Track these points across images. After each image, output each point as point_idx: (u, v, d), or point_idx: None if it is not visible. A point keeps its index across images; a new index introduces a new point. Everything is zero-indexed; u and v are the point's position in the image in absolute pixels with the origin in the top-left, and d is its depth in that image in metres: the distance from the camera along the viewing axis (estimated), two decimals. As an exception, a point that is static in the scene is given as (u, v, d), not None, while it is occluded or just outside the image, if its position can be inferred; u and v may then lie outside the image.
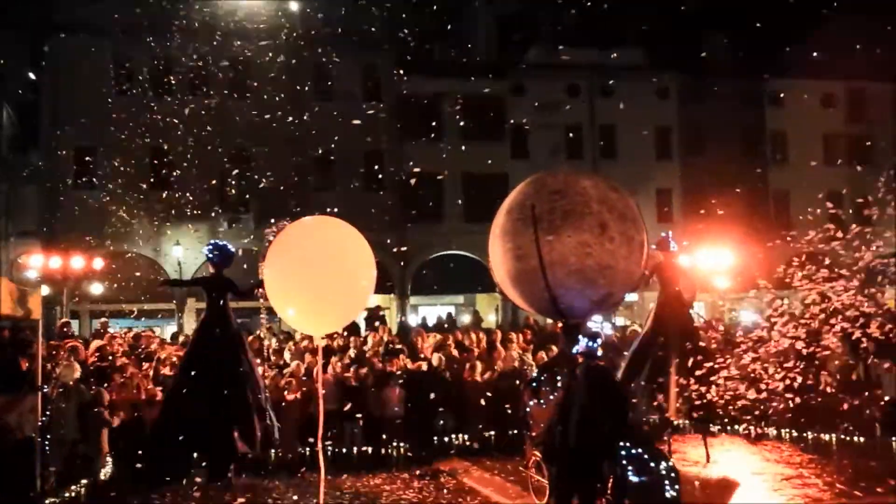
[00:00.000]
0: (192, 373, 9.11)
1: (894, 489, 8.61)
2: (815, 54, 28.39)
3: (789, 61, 29.14)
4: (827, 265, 10.62)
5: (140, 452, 9.27)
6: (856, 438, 10.68)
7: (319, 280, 7.23)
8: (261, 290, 9.41)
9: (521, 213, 8.34)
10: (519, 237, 8.27)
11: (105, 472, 9.69)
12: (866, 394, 10.63)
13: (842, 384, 11.24)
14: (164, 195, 24.70)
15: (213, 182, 25.37)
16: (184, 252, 24.23)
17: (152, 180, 24.89)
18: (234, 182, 26.26)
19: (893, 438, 10.54)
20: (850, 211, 32.16)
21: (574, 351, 7.60)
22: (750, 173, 30.09)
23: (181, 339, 13.66)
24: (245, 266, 12.63)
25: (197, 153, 24.49)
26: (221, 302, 9.44)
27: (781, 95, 31.51)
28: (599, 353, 7.50)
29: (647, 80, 29.64)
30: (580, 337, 7.55)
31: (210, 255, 9.67)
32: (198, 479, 9.38)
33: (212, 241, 9.97)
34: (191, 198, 24.29)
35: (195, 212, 24.20)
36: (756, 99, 31.08)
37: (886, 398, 10.71)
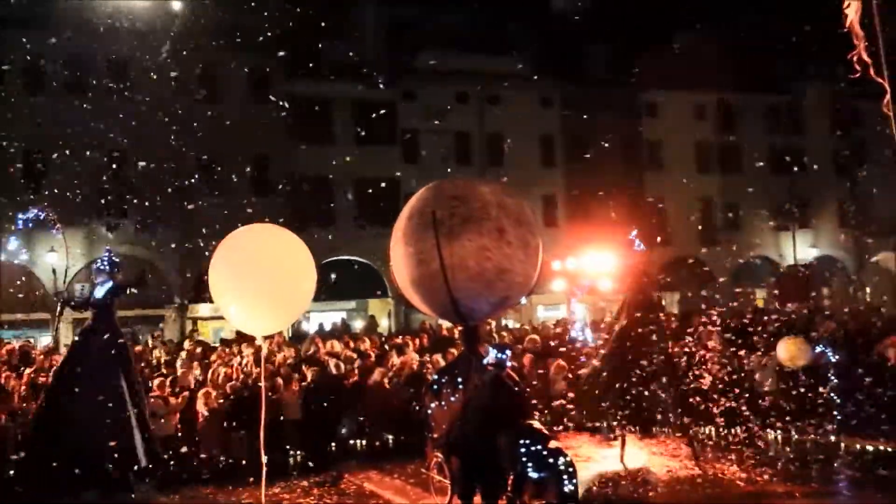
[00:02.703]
0: (67, 384, 8.85)
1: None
2: (687, 67, 30.09)
3: (664, 74, 30.68)
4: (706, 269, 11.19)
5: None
6: (735, 430, 11.29)
7: (263, 282, 7.38)
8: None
9: (421, 219, 8.50)
10: (420, 242, 8.43)
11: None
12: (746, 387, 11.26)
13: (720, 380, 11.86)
14: (39, 199, 23.43)
15: (91, 186, 24.28)
16: (58, 258, 23.09)
17: (25, 184, 23.60)
18: (113, 186, 25.17)
19: (770, 430, 11.20)
20: (720, 216, 34.23)
21: (484, 362, 7.90)
22: (628, 180, 31.38)
23: (63, 350, 13.06)
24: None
25: (73, 156, 23.39)
26: (110, 311, 9.18)
27: (657, 106, 33.10)
28: (508, 363, 7.80)
29: (532, 89, 30.48)
30: (490, 349, 7.85)
31: (107, 266, 9.43)
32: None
33: (106, 252, 9.72)
34: (67, 202, 23.17)
35: (72, 217, 23.09)
36: (634, 109, 32.47)
37: (762, 390, 11.40)
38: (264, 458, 8.05)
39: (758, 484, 9.10)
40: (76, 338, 9.58)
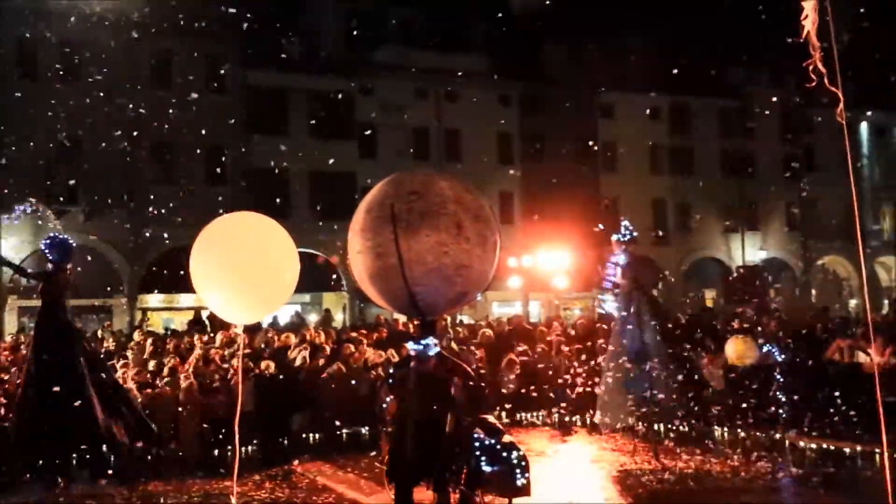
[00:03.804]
0: (41, 376, 8.71)
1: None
2: (642, 70, 30.51)
3: (620, 75, 31.07)
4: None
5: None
6: (691, 431, 11.49)
7: (244, 271, 7.31)
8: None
9: (380, 212, 8.45)
10: (378, 235, 8.38)
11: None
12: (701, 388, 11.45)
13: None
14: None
15: (39, 172, 23.67)
16: (5, 245, 22.52)
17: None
18: (61, 172, 24.56)
19: (724, 428, 11.42)
20: (672, 217, 34.79)
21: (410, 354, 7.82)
22: (584, 180, 31.74)
23: (7, 338, 12.76)
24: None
25: (22, 140, 22.79)
26: (61, 300, 9.01)
27: (613, 107, 33.49)
28: (431, 353, 7.69)
29: (490, 87, 30.60)
30: (409, 343, 7.74)
31: (47, 251, 9.19)
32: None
33: (50, 235, 9.44)
34: (14, 188, 22.57)
35: (20, 202, 22.49)
36: (590, 109, 32.80)
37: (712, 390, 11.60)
38: (237, 449, 7.98)
39: (706, 480, 9.30)
40: (37, 328, 9.39)
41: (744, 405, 10.85)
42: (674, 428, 11.53)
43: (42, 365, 8.76)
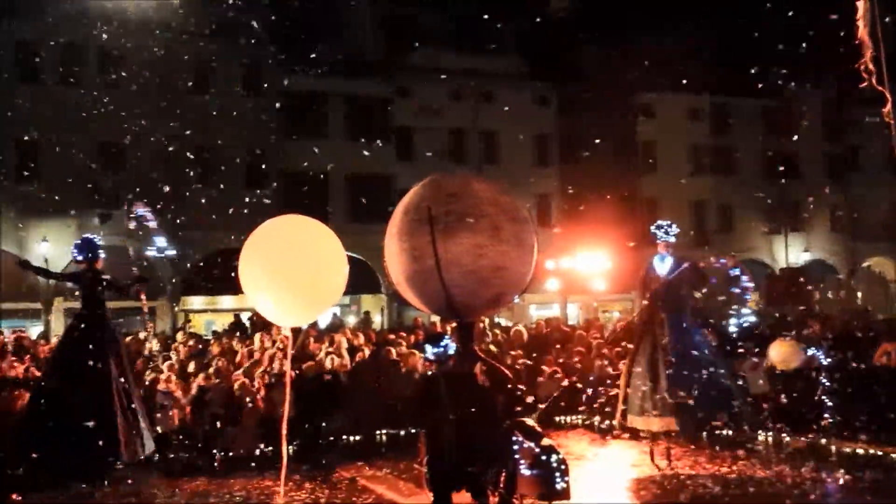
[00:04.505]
0: (59, 372, 8.83)
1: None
2: (682, 69, 30.13)
3: (659, 75, 30.72)
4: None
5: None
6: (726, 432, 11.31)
7: (295, 273, 7.37)
8: (139, 288, 9.25)
9: (417, 215, 8.48)
10: (415, 238, 8.40)
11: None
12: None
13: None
14: (32, 189, 23.38)
15: (84, 177, 24.18)
16: (51, 248, 23.02)
17: (18, 173, 23.50)
18: (106, 176, 25.06)
19: (759, 432, 11.24)
20: (713, 219, 34.35)
21: (426, 358, 7.76)
22: (623, 181, 31.47)
23: (53, 340, 13.04)
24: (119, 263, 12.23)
25: (66, 146, 23.31)
26: (96, 299, 9.15)
27: (652, 107, 33.16)
28: (451, 352, 7.58)
29: (527, 89, 30.50)
30: (425, 346, 7.63)
31: (75, 251, 9.39)
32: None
33: (81, 237, 9.67)
34: (60, 192, 23.10)
35: (64, 207, 23.02)
36: (628, 110, 32.52)
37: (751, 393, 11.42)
38: (286, 449, 8.03)
39: (748, 485, 9.14)
40: (69, 325, 9.54)
41: (788, 409, 10.65)
42: (716, 433, 11.34)
43: (65, 358, 8.86)
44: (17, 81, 23.82)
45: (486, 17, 29.83)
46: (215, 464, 10.53)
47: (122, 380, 9.13)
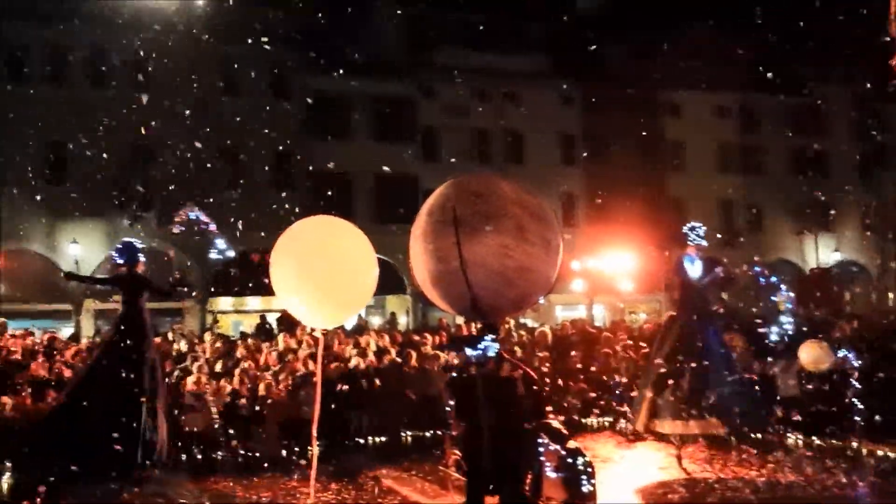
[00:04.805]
0: (93, 382, 8.95)
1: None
2: (709, 67, 29.84)
3: (686, 73, 30.43)
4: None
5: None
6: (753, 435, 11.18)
7: (326, 274, 7.40)
8: (183, 287, 9.32)
9: (442, 215, 8.45)
10: (440, 239, 8.37)
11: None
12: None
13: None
14: (62, 191, 23.70)
15: (113, 179, 24.47)
16: (81, 250, 23.31)
17: (49, 175, 23.83)
18: (135, 179, 25.33)
19: (789, 434, 11.10)
20: (741, 218, 33.96)
21: (466, 360, 7.72)
22: (649, 180, 31.22)
23: (84, 341, 13.20)
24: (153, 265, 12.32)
25: (96, 148, 23.59)
26: (136, 302, 9.25)
27: (679, 106, 32.86)
28: (491, 353, 7.53)
29: (552, 88, 30.37)
30: (465, 348, 7.62)
31: (116, 255, 9.49)
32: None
33: (122, 241, 9.78)
34: (90, 194, 23.38)
35: (94, 209, 23.31)
36: (655, 109, 32.25)
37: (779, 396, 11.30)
38: (315, 450, 8.04)
39: (778, 489, 9.02)
40: (112, 328, 9.64)
41: (819, 412, 10.51)
42: (749, 436, 11.21)
43: (109, 360, 8.97)
44: (46, 84, 24.16)
45: (510, 16, 29.80)
46: (242, 464, 10.59)
47: (152, 381, 9.23)
